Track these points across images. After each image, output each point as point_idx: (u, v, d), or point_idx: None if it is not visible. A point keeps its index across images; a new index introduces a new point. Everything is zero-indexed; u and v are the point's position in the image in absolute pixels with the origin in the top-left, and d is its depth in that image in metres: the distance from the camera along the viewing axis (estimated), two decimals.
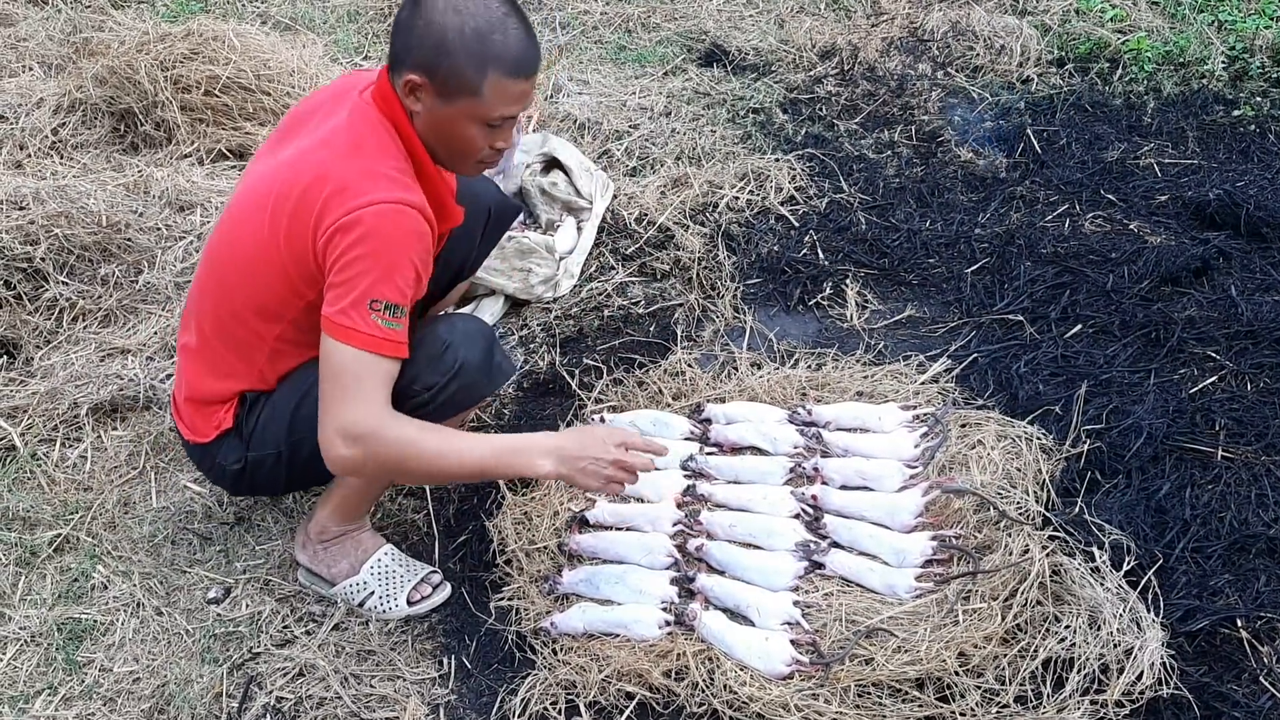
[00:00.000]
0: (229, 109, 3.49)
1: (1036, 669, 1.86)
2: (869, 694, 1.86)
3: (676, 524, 2.20)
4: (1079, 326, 2.68)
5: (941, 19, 4.15)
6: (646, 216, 3.14)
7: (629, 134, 3.53)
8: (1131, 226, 3.07)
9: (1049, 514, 2.14)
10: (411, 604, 2.11)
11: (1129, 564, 2.01)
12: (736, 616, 2.01)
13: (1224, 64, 3.81)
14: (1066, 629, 1.90)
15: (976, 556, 2.04)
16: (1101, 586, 1.95)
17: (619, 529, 2.22)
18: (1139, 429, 2.33)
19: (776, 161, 3.38)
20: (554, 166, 3.17)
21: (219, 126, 3.49)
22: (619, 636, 1.99)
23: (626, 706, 1.90)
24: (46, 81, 3.83)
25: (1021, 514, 2.12)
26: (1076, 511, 2.15)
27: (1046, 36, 4.02)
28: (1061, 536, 2.08)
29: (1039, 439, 2.31)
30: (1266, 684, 1.87)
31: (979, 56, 3.95)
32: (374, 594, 2.11)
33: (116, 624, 2.13)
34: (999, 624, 1.91)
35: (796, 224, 3.15)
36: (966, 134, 3.58)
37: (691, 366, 2.63)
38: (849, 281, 2.91)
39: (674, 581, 2.07)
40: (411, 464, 1.82)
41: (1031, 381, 2.50)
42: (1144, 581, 1.99)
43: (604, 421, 2.45)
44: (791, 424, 2.39)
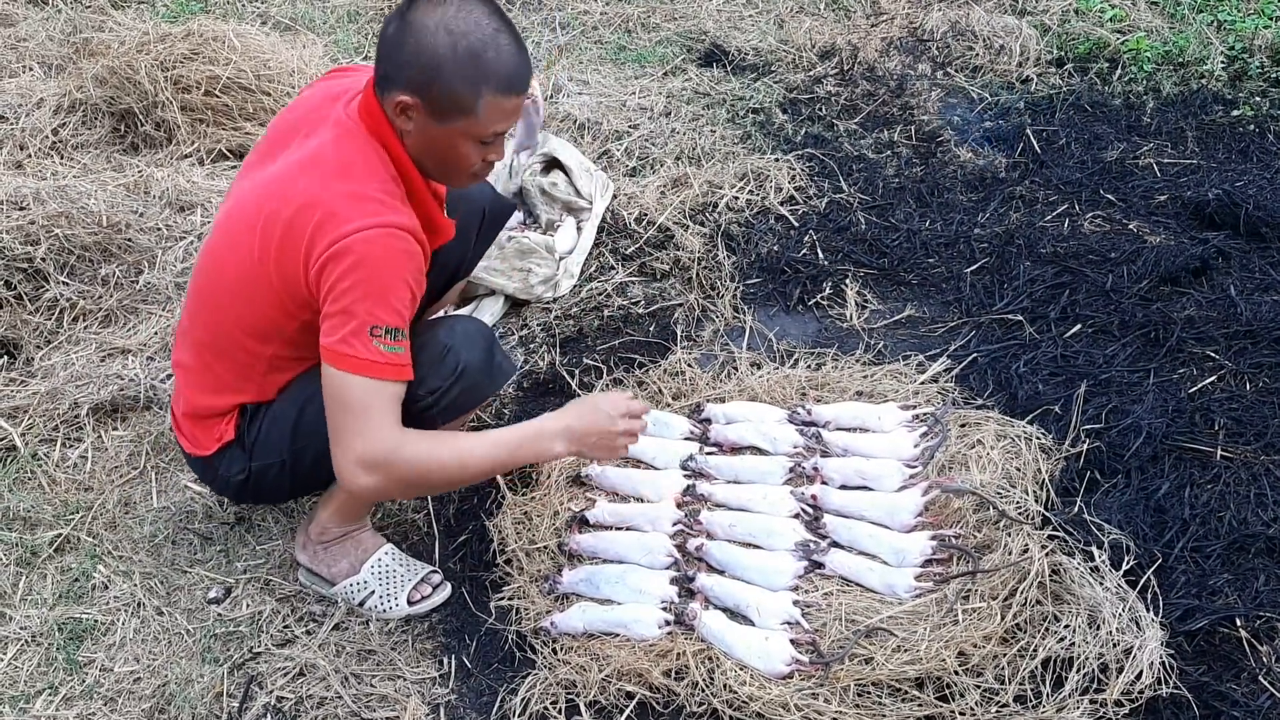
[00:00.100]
0: (229, 109, 3.49)
1: (1036, 668, 1.87)
2: (869, 693, 1.86)
3: (676, 524, 2.20)
4: (1078, 326, 2.69)
5: (941, 19, 4.15)
6: (646, 216, 3.14)
7: (629, 134, 3.54)
8: (1131, 226, 3.07)
9: (1048, 513, 2.15)
10: (412, 603, 2.11)
11: (1128, 563, 2.02)
12: (736, 616, 2.02)
13: (1223, 64, 3.81)
14: (1066, 628, 1.90)
15: (976, 556, 2.05)
16: (1101, 586, 1.95)
17: (619, 529, 2.22)
18: (1138, 428, 2.33)
19: (776, 161, 3.38)
20: (554, 166, 3.17)
21: (219, 127, 3.49)
22: (619, 636, 1.99)
23: (626, 706, 1.90)
24: (47, 82, 3.83)
25: (1021, 513, 2.13)
26: (1076, 511, 2.16)
27: (1046, 36, 4.03)
28: (1061, 536, 2.08)
29: (1038, 439, 2.32)
30: (1265, 683, 1.87)
31: (978, 56, 3.95)
32: (374, 593, 2.11)
33: (117, 624, 2.13)
34: (998, 623, 1.92)
35: (796, 224, 3.15)
36: (966, 134, 3.58)
37: (691, 366, 2.63)
38: (849, 281, 2.91)
39: (674, 581, 2.07)
40: (434, 477, 1.88)
41: (1031, 381, 2.51)
42: (1143, 581, 2.00)
43: None
44: (791, 424, 2.39)
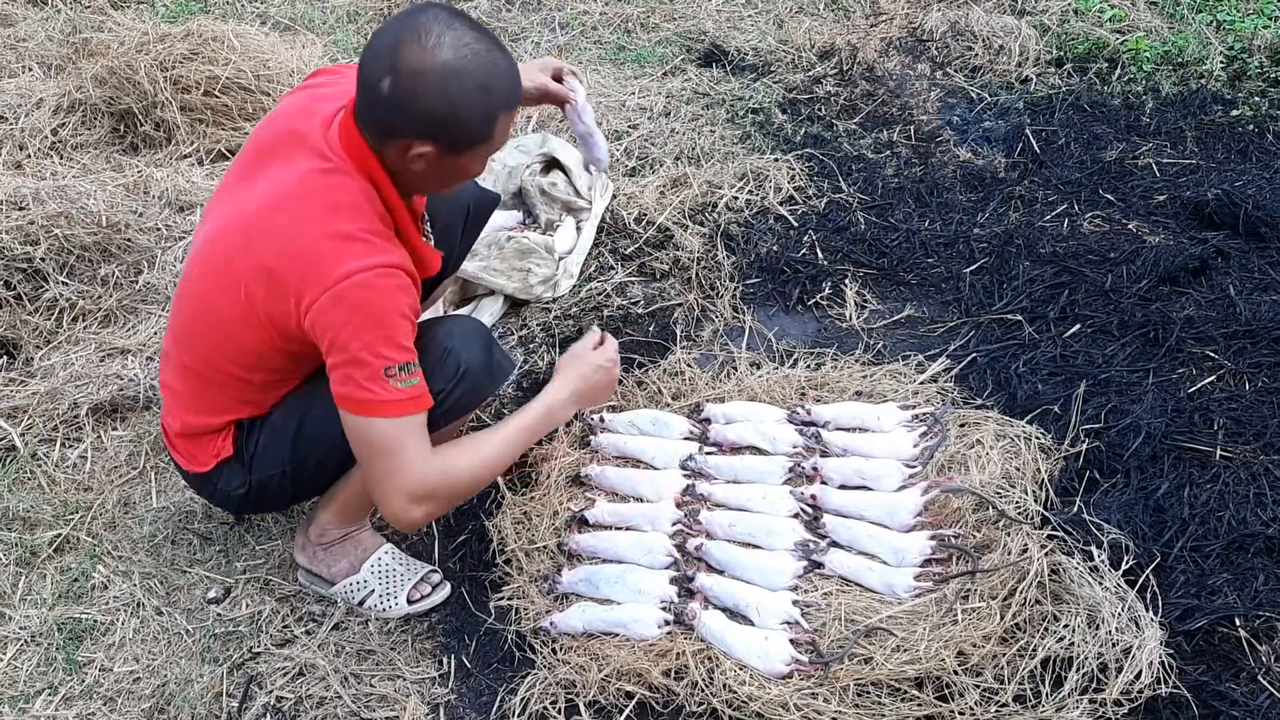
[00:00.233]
0: (229, 109, 3.49)
1: (1035, 668, 1.87)
2: (868, 693, 1.87)
3: (676, 523, 2.20)
4: (1077, 326, 2.69)
5: (940, 19, 4.15)
6: (646, 216, 3.14)
7: (628, 134, 3.54)
8: (1130, 226, 3.07)
9: (1048, 513, 2.15)
10: (411, 603, 2.11)
11: (1127, 563, 2.02)
12: (736, 616, 2.02)
13: (1222, 64, 3.81)
14: (1065, 628, 1.90)
15: (975, 556, 2.05)
16: (1100, 586, 1.95)
17: (618, 528, 2.22)
18: (1137, 428, 2.33)
19: (775, 161, 3.38)
20: (553, 166, 3.17)
21: (219, 127, 3.49)
22: (618, 636, 2.00)
23: (626, 706, 1.90)
24: (46, 82, 3.83)
25: (1020, 513, 2.13)
26: (1075, 511, 2.16)
27: (1045, 36, 4.03)
28: (1060, 536, 2.08)
29: (1038, 438, 2.32)
30: (1265, 683, 1.87)
31: (978, 56, 3.95)
32: (374, 593, 2.11)
33: (117, 624, 2.13)
34: (998, 623, 1.92)
35: (795, 224, 3.15)
36: (965, 134, 3.58)
37: (691, 366, 2.63)
38: (848, 281, 2.91)
39: (673, 581, 2.07)
40: (475, 485, 1.96)
41: (1030, 381, 2.51)
42: (1142, 580, 2.00)
43: (602, 421, 2.46)
44: (790, 423, 2.39)
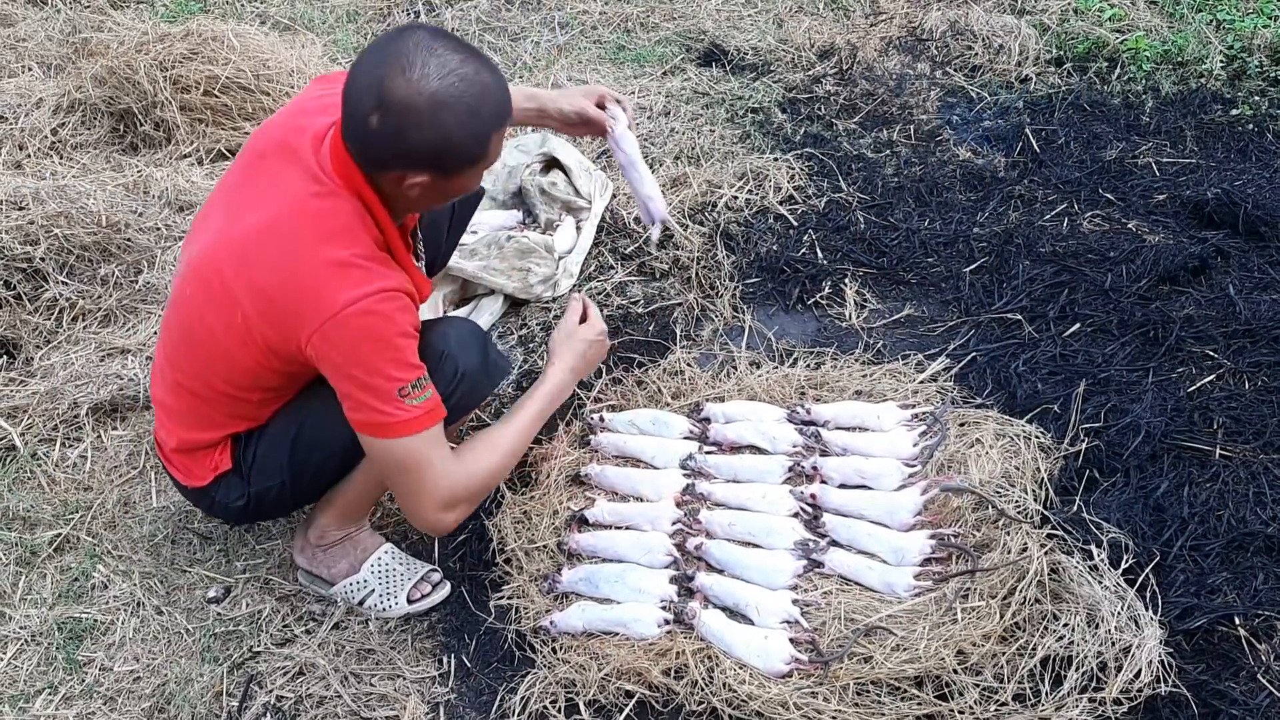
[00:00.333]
0: (228, 109, 3.49)
1: (1035, 667, 1.87)
2: (868, 692, 1.87)
3: (676, 523, 2.20)
4: (1077, 325, 2.69)
5: (940, 18, 4.15)
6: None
7: None
8: (1130, 225, 3.07)
9: (1047, 512, 2.15)
10: (411, 602, 2.11)
11: (1127, 562, 2.02)
12: (736, 615, 2.02)
13: (1222, 63, 3.81)
14: (1065, 627, 1.90)
15: (975, 555, 2.05)
16: (1100, 584, 1.95)
17: (618, 528, 2.22)
18: (1137, 427, 2.33)
19: (775, 161, 3.38)
20: (553, 166, 3.18)
21: (218, 126, 3.49)
22: (618, 635, 2.00)
23: (626, 705, 1.90)
24: (46, 82, 3.84)
25: (1020, 512, 2.13)
26: (1075, 510, 2.16)
27: (1045, 36, 4.03)
28: (1060, 535, 2.08)
29: (1037, 437, 2.32)
30: (1264, 681, 1.87)
31: (977, 56, 3.95)
32: (374, 592, 2.11)
33: (117, 623, 2.13)
34: (997, 622, 1.92)
35: (795, 223, 3.15)
36: (965, 133, 3.58)
37: (690, 366, 2.63)
38: (848, 281, 2.91)
39: (673, 580, 2.07)
40: (498, 479, 2.01)
41: (1030, 380, 2.51)
42: (1142, 579, 2.00)
43: (602, 420, 2.46)
44: (790, 423, 2.40)
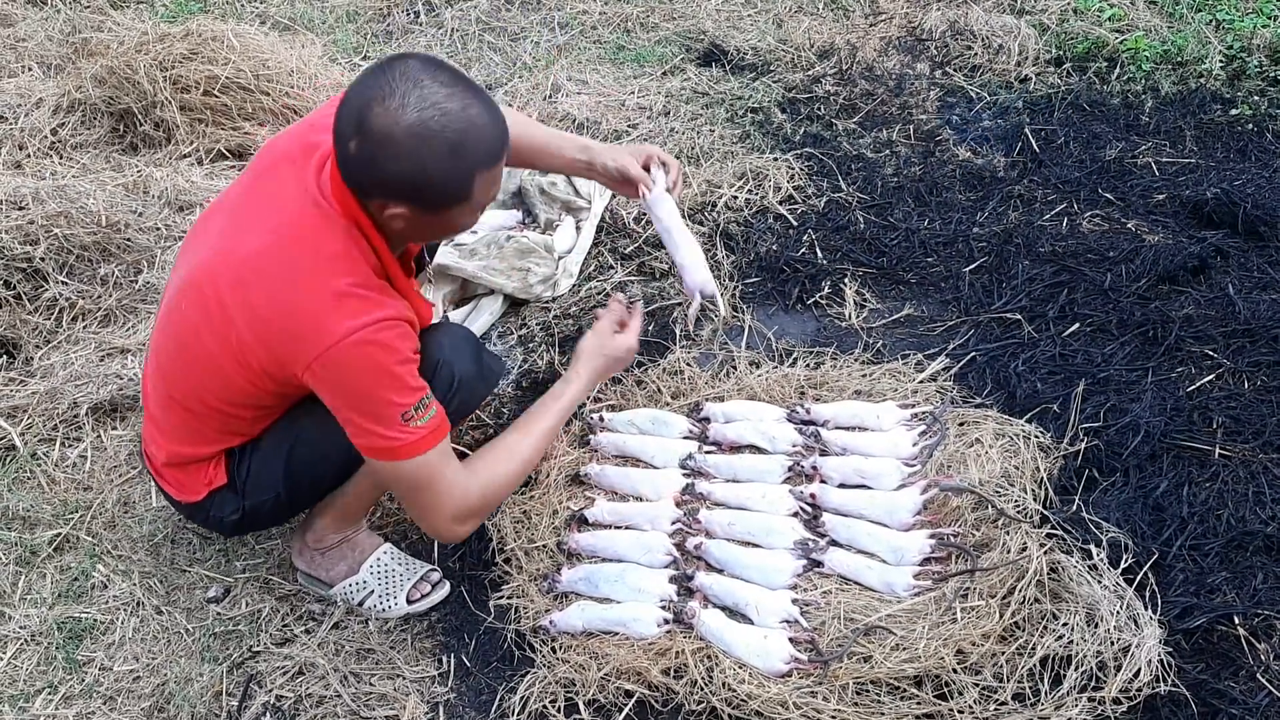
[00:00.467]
0: (228, 109, 3.50)
1: (1034, 666, 1.87)
2: (867, 691, 1.87)
3: (675, 522, 2.20)
4: (1077, 325, 2.69)
5: (940, 18, 4.15)
6: (645, 216, 3.14)
7: (628, 134, 3.54)
8: (1129, 225, 3.07)
9: (1047, 512, 2.15)
10: (411, 602, 2.11)
11: (1126, 561, 2.02)
12: (735, 615, 2.02)
13: (1222, 63, 3.81)
14: (1064, 626, 1.90)
15: (974, 554, 2.05)
16: (1099, 584, 1.96)
17: (618, 527, 2.22)
18: (1136, 427, 2.33)
19: (775, 161, 3.38)
20: None
21: (218, 126, 3.49)
22: (618, 635, 2.00)
23: (625, 704, 1.90)
24: (46, 82, 3.84)
25: (1019, 512, 2.13)
26: (1074, 509, 2.16)
27: (1045, 36, 4.03)
28: (1059, 534, 2.08)
29: (1037, 437, 2.32)
30: (1263, 681, 1.87)
31: (977, 56, 3.95)
32: (374, 593, 2.11)
33: (116, 623, 2.13)
34: (997, 621, 1.92)
35: (795, 223, 3.15)
36: (965, 133, 3.58)
37: (690, 365, 2.63)
38: (847, 280, 2.91)
39: (673, 580, 2.07)
40: (512, 488, 2.04)
41: (1029, 380, 2.51)
42: (1141, 578, 2.00)
43: (602, 420, 2.46)
44: (790, 422, 2.40)
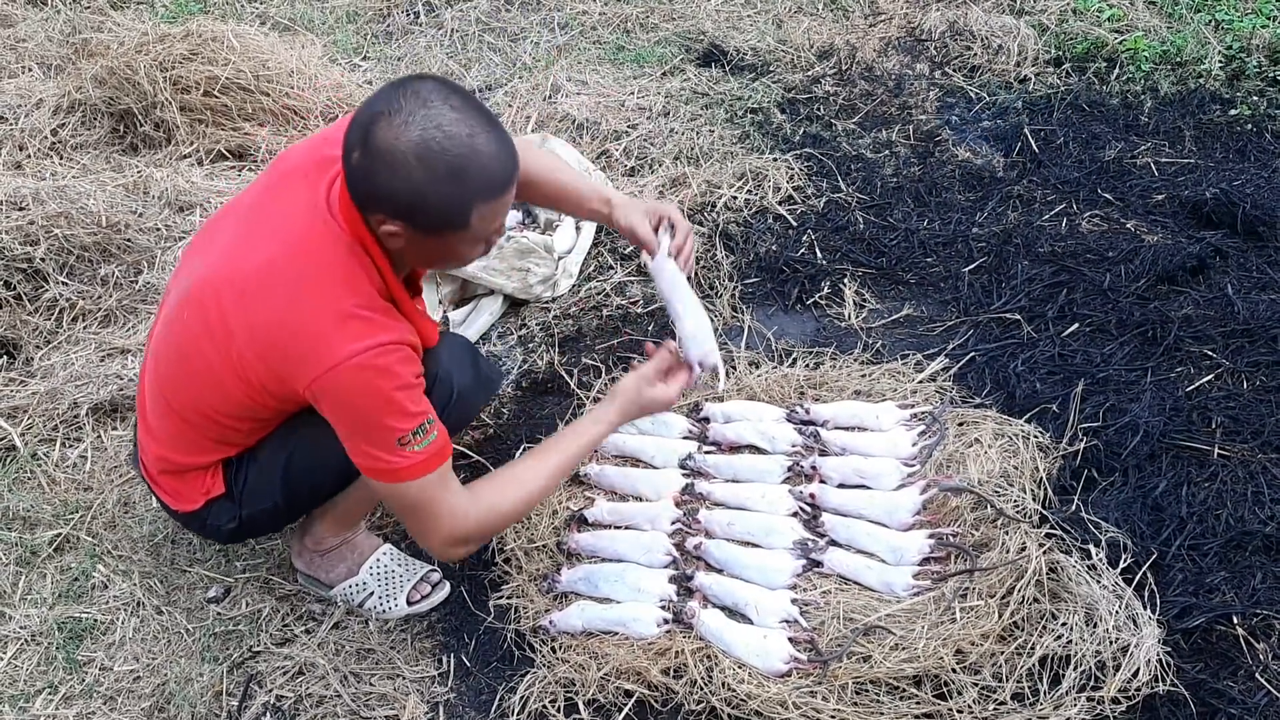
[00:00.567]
0: (228, 109, 3.50)
1: (1033, 666, 1.87)
2: (867, 691, 1.87)
3: (675, 522, 2.21)
4: (1076, 325, 2.69)
5: (939, 19, 4.15)
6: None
7: (627, 134, 3.54)
8: (1128, 225, 3.08)
9: (1046, 512, 2.15)
10: (411, 603, 2.12)
11: (1125, 561, 2.02)
12: (735, 614, 2.02)
13: (1221, 63, 3.81)
14: (1063, 626, 1.91)
15: (974, 554, 2.05)
16: (1098, 584, 1.96)
17: (618, 527, 2.22)
18: (1136, 427, 2.33)
19: (774, 161, 3.39)
20: None
21: (218, 127, 3.50)
22: (617, 634, 2.00)
23: (625, 704, 1.90)
24: (46, 82, 3.84)
25: (1018, 512, 2.13)
26: (1073, 509, 2.16)
27: (1044, 36, 4.03)
28: (1058, 534, 2.08)
29: (1036, 437, 2.32)
30: (1262, 680, 1.87)
31: (976, 56, 3.96)
32: (374, 594, 2.11)
33: (117, 623, 2.13)
34: (996, 621, 1.92)
35: (794, 223, 3.16)
36: (964, 133, 3.59)
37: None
38: (847, 281, 2.91)
39: (672, 580, 2.08)
40: (515, 519, 2.00)
41: (1029, 380, 2.51)
42: (1140, 578, 2.00)
43: None
44: (789, 422, 2.40)
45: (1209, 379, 2.49)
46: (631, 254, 3.03)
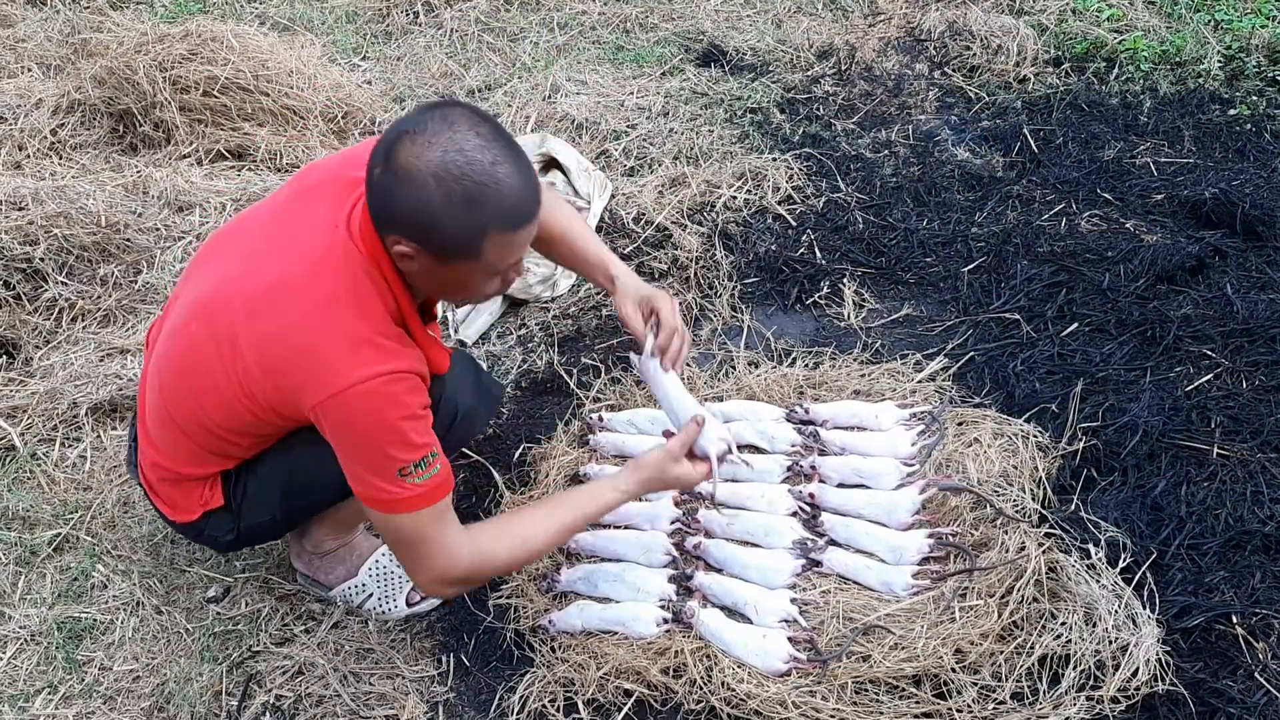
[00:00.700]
0: (228, 109, 3.50)
1: (1033, 665, 1.87)
2: (866, 691, 1.87)
3: (674, 522, 2.21)
4: (1075, 325, 2.69)
5: (938, 19, 4.15)
6: (644, 216, 3.14)
7: (627, 134, 3.54)
8: (1128, 225, 3.08)
9: (1045, 511, 2.15)
10: (411, 604, 2.12)
11: (1125, 561, 2.02)
12: (734, 614, 2.02)
13: (1220, 63, 3.82)
14: (1062, 625, 1.91)
15: (973, 554, 2.05)
16: (1097, 583, 1.96)
17: (617, 527, 2.22)
18: (1135, 426, 2.33)
19: (774, 161, 3.39)
20: (552, 166, 3.18)
21: (218, 127, 3.50)
22: (617, 634, 2.00)
23: (624, 704, 1.90)
24: (45, 82, 3.84)
25: (1018, 511, 2.13)
26: (1073, 509, 2.16)
27: (1043, 36, 4.03)
28: (1058, 534, 2.08)
29: (1035, 437, 2.32)
30: (1261, 680, 1.87)
31: (976, 56, 3.96)
32: (373, 595, 2.11)
33: (116, 623, 2.13)
34: (995, 621, 1.92)
35: (794, 223, 3.16)
36: (963, 133, 3.59)
37: (689, 365, 2.63)
38: (846, 280, 2.91)
39: (672, 579, 2.08)
40: (511, 568, 1.96)
41: (1028, 379, 2.51)
42: (1139, 578, 2.00)
43: (601, 420, 2.46)
44: (789, 422, 2.40)
45: (1208, 379, 2.50)
46: (631, 254, 3.03)
